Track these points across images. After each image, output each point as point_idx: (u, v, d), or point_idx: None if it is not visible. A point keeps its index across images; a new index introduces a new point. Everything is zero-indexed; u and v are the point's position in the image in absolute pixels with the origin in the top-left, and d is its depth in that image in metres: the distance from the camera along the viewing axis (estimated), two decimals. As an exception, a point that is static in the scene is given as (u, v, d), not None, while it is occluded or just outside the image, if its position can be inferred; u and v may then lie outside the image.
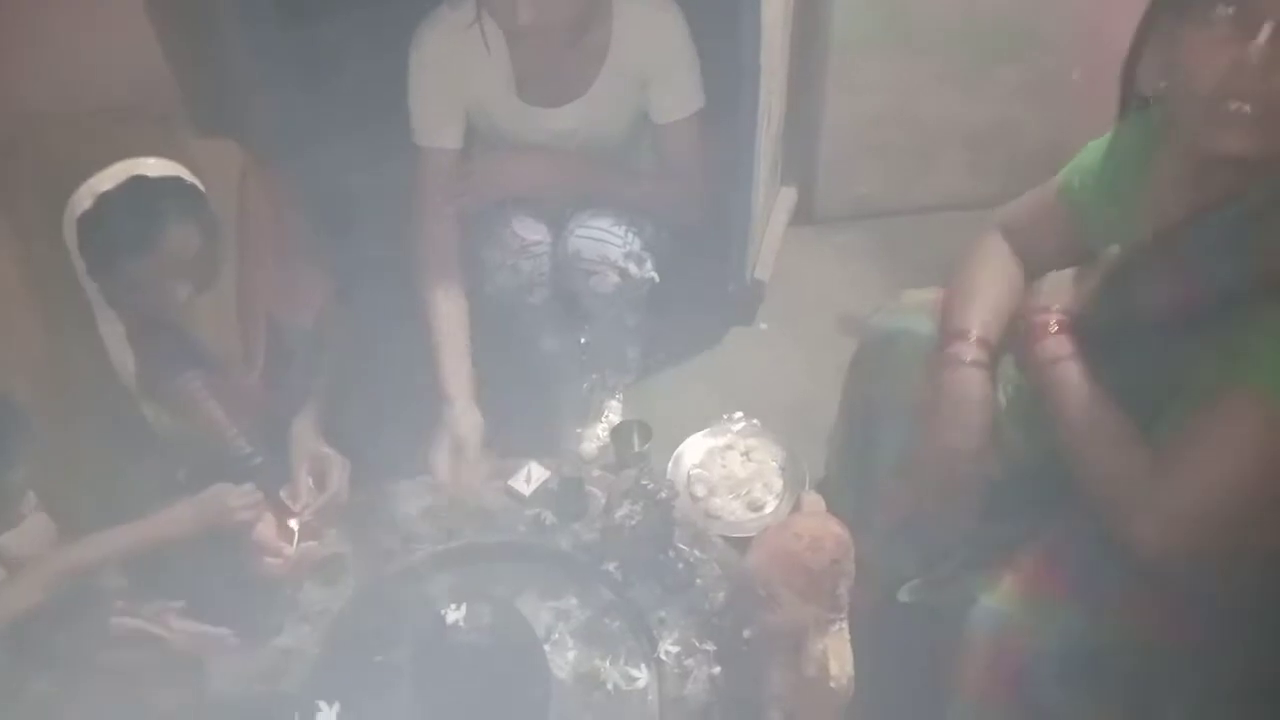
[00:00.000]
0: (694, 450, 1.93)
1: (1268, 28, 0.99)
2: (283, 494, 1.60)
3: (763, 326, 2.28)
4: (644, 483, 1.56)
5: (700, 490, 1.85)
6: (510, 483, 1.71)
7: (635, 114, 1.79)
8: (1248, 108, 1.03)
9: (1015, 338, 1.31)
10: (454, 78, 1.73)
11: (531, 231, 1.79)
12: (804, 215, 2.50)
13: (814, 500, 1.34)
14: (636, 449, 1.81)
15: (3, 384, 1.41)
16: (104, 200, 1.38)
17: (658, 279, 1.84)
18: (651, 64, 1.72)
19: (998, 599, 1.19)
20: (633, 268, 1.79)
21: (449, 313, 1.74)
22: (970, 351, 1.29)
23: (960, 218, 2.44)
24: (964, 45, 2.27)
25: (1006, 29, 2.25)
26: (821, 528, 1.25)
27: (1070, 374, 1.21)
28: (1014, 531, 1.29)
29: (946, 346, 1.32)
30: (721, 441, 1.94)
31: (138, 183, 1.39)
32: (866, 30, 2.24)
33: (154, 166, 1.41)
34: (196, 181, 1.45)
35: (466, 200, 1.79)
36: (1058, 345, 1.24)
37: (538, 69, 1.70)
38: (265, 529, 1.54)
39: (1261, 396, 1.05)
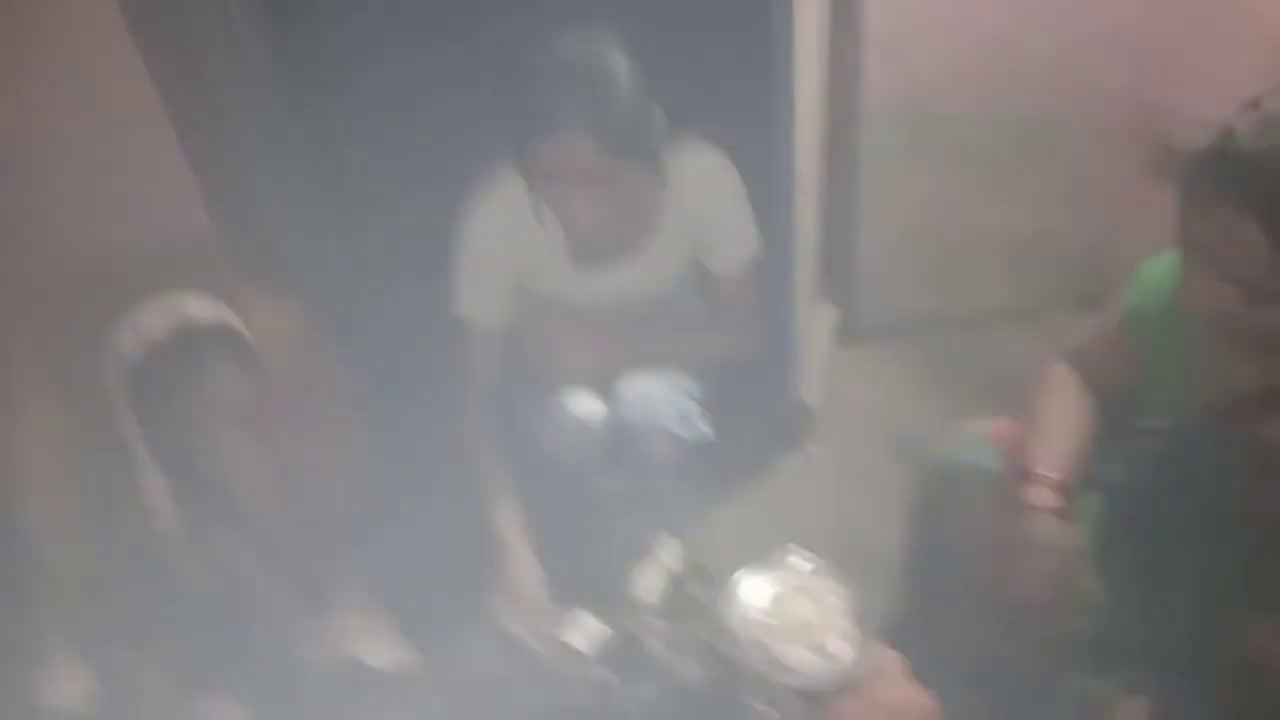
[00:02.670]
0: (755, 593, 1.84)
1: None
2: None
3: (813, 452, 2.22)
4: (707, 639, 1.49)
5: (767, 638, 1.76)
6: (565, 639, 1.64)
7: (688, 264, 1.76)
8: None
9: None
10: (507, 252, 1.69)
11: (585, 409, 1.74)
12: (847, 333, 2.46)
13: (890, 659, 1.26)
14: (697, 597, 1.74)
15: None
16: (155, 351, 1.37)
17: (711, 433, 1.80)
18: (708, 217, 1.68)
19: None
20: (688, 433, 1.75)
21: (498, 473, 1.72)
22: (1045, 496, 1.23)
23: (1006, 327, 2.42)
24: (995, 150, 2.26)
25: (1036, 128, 2.22)
26: (903, 696, 1.17)
27: None
28: (1108, 686, 1.21)
29: (1019, 489, 1.26)
30: (785, 583, 1.85)
31: (187, 329, 1.38)
32: (895, 144, 2.23)
33: (200, 309, 1.41)
34: (241, 327, 1.44)
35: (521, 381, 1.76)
36: None
37: (592, 237, 1.64)
38: None
39: None
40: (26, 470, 1.50)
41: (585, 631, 1.65)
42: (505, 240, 1.67)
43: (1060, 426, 1.30)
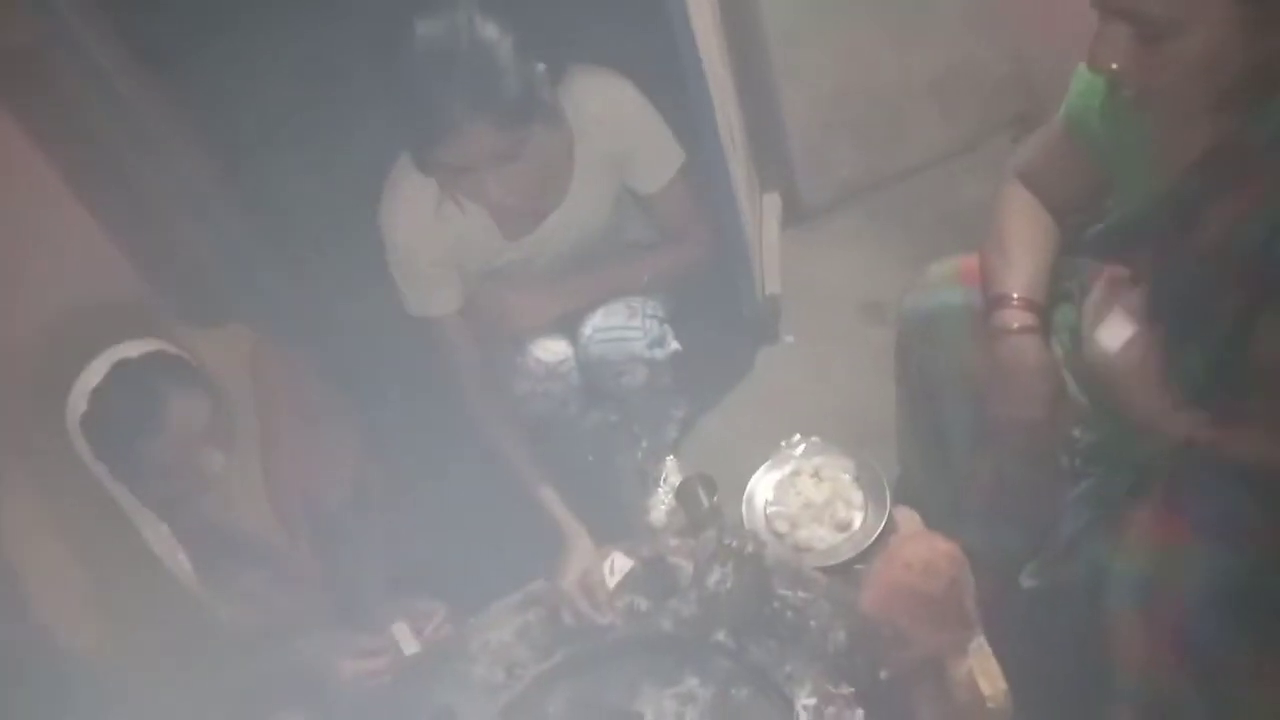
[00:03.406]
0: (763, 487, 1.86)
1: None
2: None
3: (789, 340, 2.22)
4: (727, 542, 1.50)
5: (782, 526, 1.78)
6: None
7: (617, 191, 1.73)
8: None
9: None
10: (436, 244, 1.65)
11: (552, 353, 1.73)
12: (793, 216, 2.44)
13: (908, 516, 1.27)
14: (706, 505, 1.75)
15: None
16: (97, 395, 1.34)
17: (681, 347, 1.79)
18: (621, 141, 1.65)
19: (1131, 562, 1.11)
20: (658, 353, 1.74)
21: (533, 455, 1.72)
22: (1017, 317, 1.23)
23: (949, 166, 2.40)
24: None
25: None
26: (929, 549, 1.18)
27: None
28: (1118, 484, 1.22)
29: (991, 315, 1.26)
30: (788, 470, 1.87)
31: (123, 367, 1.36)
32: (796, 12, 2.18)
33: (134, 347, 1.38)
34: (181, 352, 1.42)
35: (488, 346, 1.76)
36: None
37: (515, 204, 1.59)
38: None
39: None
40: (27, 560, 1.47)
41: (611, 568, 1.66)
42: (430, 234, 1.64)
43: (1023, 246, 1.29)
